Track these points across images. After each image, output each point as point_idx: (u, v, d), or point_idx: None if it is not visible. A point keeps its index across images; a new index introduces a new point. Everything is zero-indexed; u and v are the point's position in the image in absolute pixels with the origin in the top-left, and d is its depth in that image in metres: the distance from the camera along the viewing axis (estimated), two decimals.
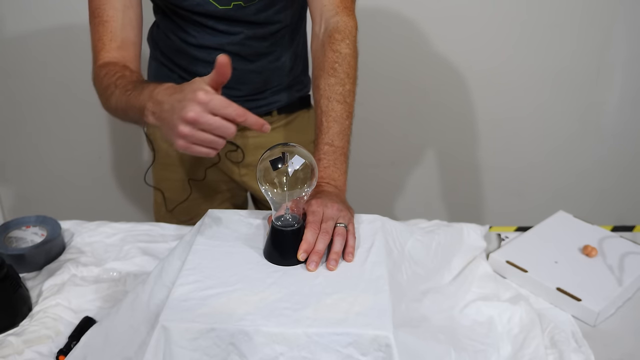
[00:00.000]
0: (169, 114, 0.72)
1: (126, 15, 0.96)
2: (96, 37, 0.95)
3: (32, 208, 1.92)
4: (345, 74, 0.94)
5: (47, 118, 1.91)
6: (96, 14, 0.96)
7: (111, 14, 0.94)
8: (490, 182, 2.03)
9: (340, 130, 0.92)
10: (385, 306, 0.67)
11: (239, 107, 0.69)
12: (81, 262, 0.99)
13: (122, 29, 0.95)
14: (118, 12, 0.95)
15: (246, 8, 1.02)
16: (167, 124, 0.72)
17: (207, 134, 0.70)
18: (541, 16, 1.74)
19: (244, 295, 0.69)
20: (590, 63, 1.81)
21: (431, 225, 1.03)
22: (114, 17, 0.94)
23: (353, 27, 0.97)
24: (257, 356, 0.64)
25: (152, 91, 0.77)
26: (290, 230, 0.75)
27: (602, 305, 0.86)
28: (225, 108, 0.68)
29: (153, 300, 0.71)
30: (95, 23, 0.95)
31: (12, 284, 0.86)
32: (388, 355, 0.63)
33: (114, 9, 0.94)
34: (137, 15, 0.98)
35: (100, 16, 0.95)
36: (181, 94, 0.71)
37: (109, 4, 0.94)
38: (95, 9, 0.96)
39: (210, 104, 0.68)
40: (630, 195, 2.02)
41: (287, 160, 0.74)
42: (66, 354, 0.78)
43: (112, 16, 0.94)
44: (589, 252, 0.98)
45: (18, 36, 1.77)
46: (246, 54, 1.09)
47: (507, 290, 0.92)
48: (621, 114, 1.89)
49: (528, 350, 0.79)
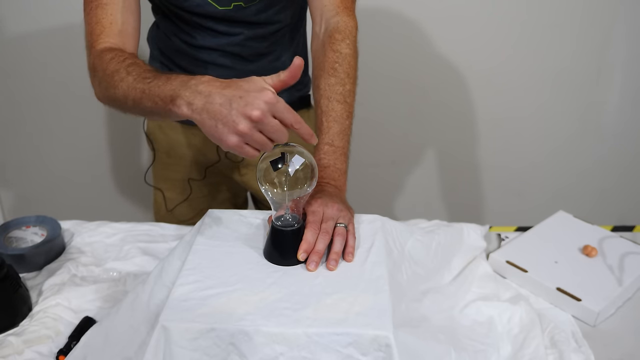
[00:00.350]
0: (224, 107, 0.67)
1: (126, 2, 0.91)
2: (94, 20, 0.90)
3: (32, 208, 1.92)
4: (346, 74, 0.94)
5: (47, 118, 1.91)
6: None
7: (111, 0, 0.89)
8: (491, 182, 2.03)
9: (341, 130, 0.92)
10: (385, 306, 0.67)
11: (297, 115, 0.69)
12: (81, 262, 0.99)
13: (122, 12, 0.90)
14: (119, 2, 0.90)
15: (246, 9, 1.02)
16: (220, 117, 0.68)
17: (262, 136, 0.68)
18: (541, 16, 1.74)
19: (244, 295, 0.69)
20: (590, 63, 1.81)
21: (431, 225, 1.03)
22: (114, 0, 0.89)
23: (353, 27, 0.98)
24: (257, 356, 0.64)
25: (187, 82, 0.72)
26: (290, 230, 0.75)
27: (602, 305, 0.86)
28: (288, 112, 0.68)
29: (153, 300, 0.71)
30: (93, 6, 0.90)
31: (12, 284, 0.86)
32: (388, 355, 0.63)
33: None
34: (136, 2, 0.93)
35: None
36: (239, 90, 0.68)
37: None
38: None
39: (277, 105, 0.67)
40: (631, 196, 2.02)
41: (287, 160, 0.74)
42: (66, 354, 0.78)
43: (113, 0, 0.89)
44: (589, 252, 0.98)
45: (18, 36, 1.77)
46: (246, 54, 1.09)
47: (507, 290, 0.92)
48: (621, 113, 1.89)
49: (528, 350, 0.79)
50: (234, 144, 0.68)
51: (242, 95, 0.67)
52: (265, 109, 0.66)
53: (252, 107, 0.66)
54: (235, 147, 0.68)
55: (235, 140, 0.68)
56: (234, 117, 0.67)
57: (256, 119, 0.66)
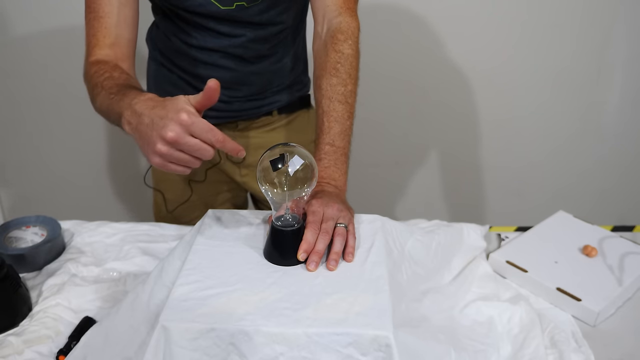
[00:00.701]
0: (148, 128, 0.70)
1: (122, 12, 0.95)
2: (90, 33, 0.95)
3: (32, 208, 1.92)
4: (347, 74, 0.94)
5: (47, 118, 1.91)
6: (92, 9, 0.95)
7: (107, 10, 0.94)
8: (491, 182, 2.03)
9: (342, 130, 0.92)
10: (385, 306, 0.67)
11: (219, 133, 0.69)
12: (81, 262, 0.99)
13: (116, 25, 0.94)
14: (114, 9, 0.94)
15: (249, 9, 1.02)
16: (145, 138, 0.71)
17: (184, 154, 0.70)
18: (542, 16, 1.74)
19: (244, 295, 0.69)
20: (590, 63, 1.81)
21: (431, 225, 1.03)
22: (110, 13, 0.94)
23: (355, 28, 0.98)
24: (257, 356, 0.64)
25: (132, 99, 0.75)
26: (290, 230, 0.75)
27: (602, 305, 0.86)
28: (206, 132, 0.68)
29: (153, 300, 0.71)
30: (91, 18, 0.95)
31: (12, 284, 0.86)
32: (388, 355, 0.63)
33: (110, 4, 0.94)
34: (133, 13, 0.97)
35: (95, 11, 0.94)
36: (163, 110, 0.69)
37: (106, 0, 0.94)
38: (92, 3, 0.95)
39: (192, 126, 0.67)
40: (631, 195, 2.02)
41: (287, 160, 0.74)
42: (66, 354, 0.78)
43: (108, 12, 0.94)
44: (589, 252, 0.98)
45: (18, 37, 1.77)
46: (248, 56, 1.08)
47: (507, 290, 0.92)
48: (622, 113, 1.89)
49: (528, 350, 0.79)
50: (156, 163, 0.71)
51: (162, 116, 0.69)
52: (179, 130, 0.67)
53: (167, 129, 0.67)
54: (159, 166, 0.71)
55: (158, 160, 0.70)
56: (154, 138, 0.69)
57: (170, 141, 0.67)
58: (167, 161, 0.70)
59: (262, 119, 1.19)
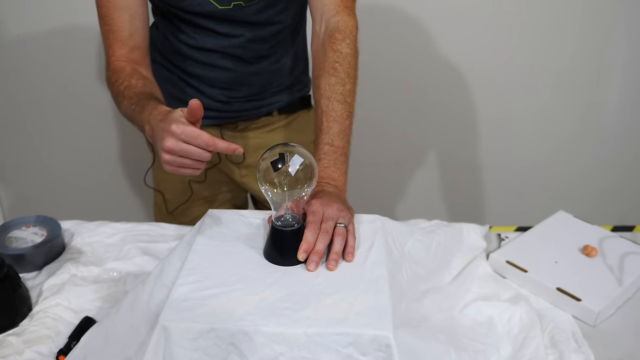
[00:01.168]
0: (156, 140, 0.80)
1: (133, 24, 1.00)
2: (107, 43, 1.02)
3: (32, 208, 1.92)
4: (346, 73, 0.94)
5: (47, 118, 1.91)
6: (106, 21, 1.00)
7: (119, 24, 1.00)
8: (491, 182, 2.03)
9: (341, 130, 0.92)
10: (385, 306, 0.67)
11: (208, 137, 0.75)
12: (81, 262, 0.99)
13: (129, 37, 1.01)
14: (126, 23, 1.00)
15: (246, 8, 1.02)
16: (156, 149, 0.81)
17: (186, 159, 0.77)
18: (541, 16, 1.74)
19: (244, 295, 0.69)
20: (590, 63, 1.81)
21: (431, 225, 1.03)
22: (122, 27, 1.00)
23: (354, 27, 0.97)
24: (257, 356, 0.64)
25: (150, 113, 0.84)
26: (290, 230, 0.75)
27: (602, 305, 0.86)
28: (195, 138, 0.75)
29: (153, 300, 0.71)
30: (106, 30, 1.01)
31: (12, 284, 0.86)
32: (388, 355, 0.63)
33: (121, 20, 0.99)
34: (143, 23, 1.03)
35: (109, 24, 1.00)
36: (164, 123, 0.78)
37: (117, 15, 0.99)
38: (105, 16, 1.00)
39: (182, 135, 0.75)
40: (631, 196, 2.02)
41: (287, 161, 0.74)
42: (66, 354, 0.78)
43: (121, 26, 1.00)
44: (589, 252, 0.98)
45: (18, 37, 1.77)
46: (247, 56, 1.08)
47: (507, 290, 0.92)
48: (622, 114, 1.89)
49: (528, 350, 0.79)
50: (168, 169, 0.79)
51: (163, 129, 0.78)
52: (173, 140, 0.75)
53: (164, 140, 0.76)
54: (172, 170, 0.79)
55: (168, 167, 0.79)
56: (159, 149, 0.79)
57: (168, 150, 0.76)
58: (174, 166, 0.78)
59: (262, 119, 1.19)
